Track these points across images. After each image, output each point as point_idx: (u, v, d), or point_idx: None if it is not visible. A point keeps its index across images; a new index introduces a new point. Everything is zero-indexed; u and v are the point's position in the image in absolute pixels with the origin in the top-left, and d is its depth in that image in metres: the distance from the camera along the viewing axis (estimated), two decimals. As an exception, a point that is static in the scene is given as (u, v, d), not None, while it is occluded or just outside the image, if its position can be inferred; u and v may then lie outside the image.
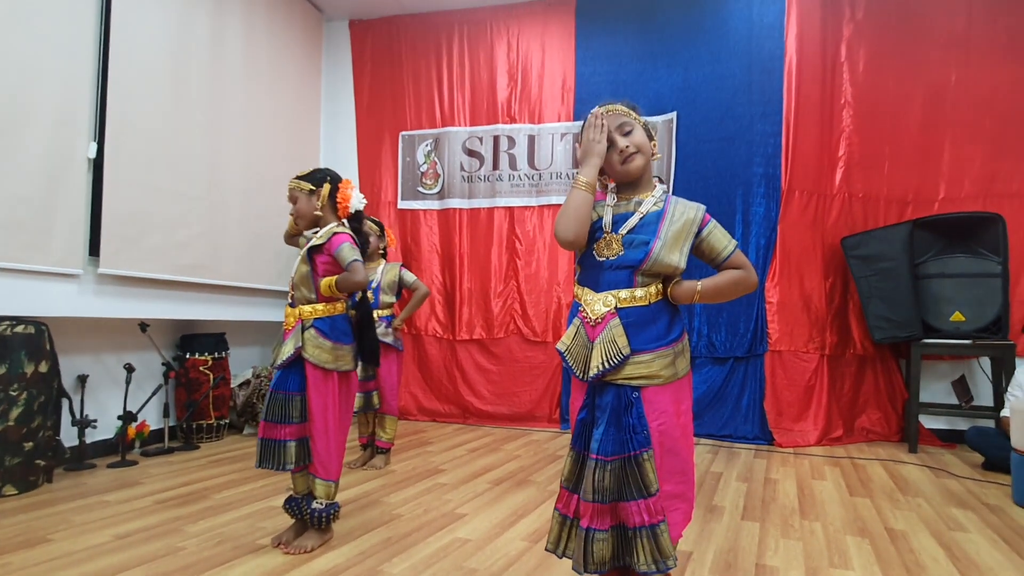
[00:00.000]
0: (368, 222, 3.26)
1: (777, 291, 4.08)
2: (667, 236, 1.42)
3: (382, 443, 3.26)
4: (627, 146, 1.45)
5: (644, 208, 1.46)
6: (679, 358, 1.44)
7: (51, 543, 2.11)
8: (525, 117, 4.69)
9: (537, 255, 4.61)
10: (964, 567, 2.01)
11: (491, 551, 2.09)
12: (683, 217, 1.45)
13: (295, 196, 2.24)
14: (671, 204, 1.47)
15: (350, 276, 2.09)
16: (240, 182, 4.11)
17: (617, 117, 1.47)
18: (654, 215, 1.45)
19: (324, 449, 2.10)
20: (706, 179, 4.26)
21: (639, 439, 1.36)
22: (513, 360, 4.55)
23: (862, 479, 3.14)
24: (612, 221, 1.46)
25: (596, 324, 1.41)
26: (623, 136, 1.46)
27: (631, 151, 1.45)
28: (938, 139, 4.10)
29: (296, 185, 2.24)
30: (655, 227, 1.43)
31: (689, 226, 1.44)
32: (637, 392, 1.39)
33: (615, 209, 1.48)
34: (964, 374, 4.02)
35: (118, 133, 3.20)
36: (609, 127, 1.46)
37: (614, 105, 1.49)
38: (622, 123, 1.47)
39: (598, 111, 1.48)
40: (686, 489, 1.42)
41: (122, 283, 3.31)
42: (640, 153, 1.46)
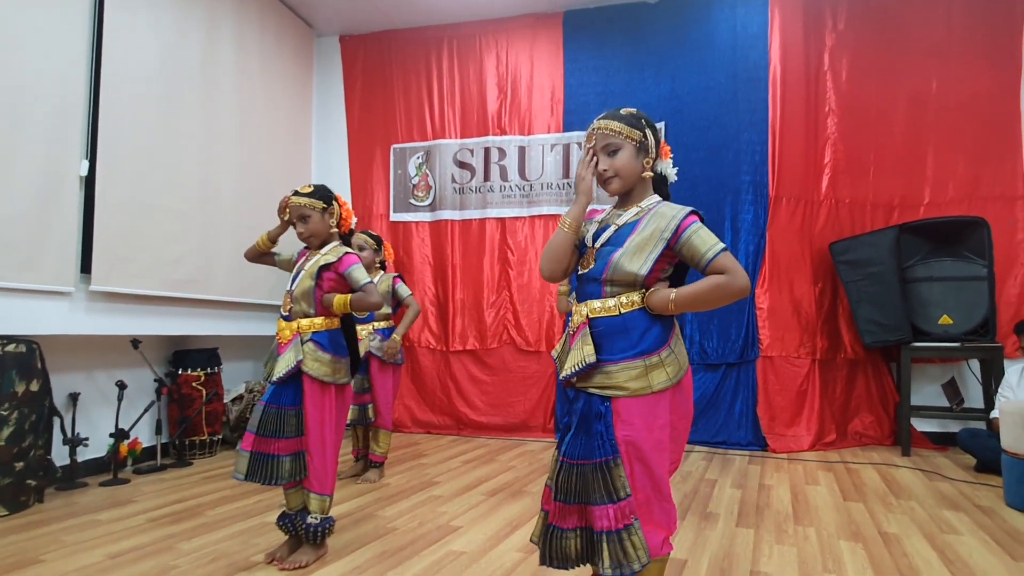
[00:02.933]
0: (365, 236, 3.27)
1: (767, 297, 4.12)
2: (631, 245, 1.43)
3: (376, 457, 3.25)
4: (604, 170, 1.48)
5: (621, 220, 1.48)
6: (654, 371, 1.39)
7: (43, 564, 2.10)
8: (515, 129, 4.73)
9: (529, 265, 4.63)
10: (957, 570, 2.03)
11: (486, 563, 2.09)
12: (653, 224, 1.44)
13: (305, 214, 2.21)
14: (650, 214, 1.47)
15: (365, 297, 2.13)
16: (232, 198, 4.12)
17: (605, 137, 1.48)
18: (629, 226, 1.47)
19: (320, 463, 2.10)
20: (695, 187, 4.30)
21: (606, 447, 1.38)
22: (507, 370, 4.56)
23: (855, 483, 3.15)
24: (593, 236, 1.51)
25: (573, 333, 1.48)
26: (607, 156, 1.48)
27: (608, 175, 1.48)
28: (921, 145, 4.16)
29: (308, 203, 2.21)
30: (624, 239, 1.45)
31: (659, 233, 1.42)
32: (607, 403, 1.40)
33: (600, 224, 1.53)
34: (954, 376, 4.05)
35: (110, 151, 3.21)
36: (596, 147, 1.49)
37: (608, 122, 1.48)
38: (608, 143, 1.48)
39: (590, 132, 1.50)
40: (660, 499, 1.41)
41: (114, 300, 3.31)
42: (618, 177, 1.47)
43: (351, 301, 2.13)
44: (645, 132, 1.48)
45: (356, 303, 2.13)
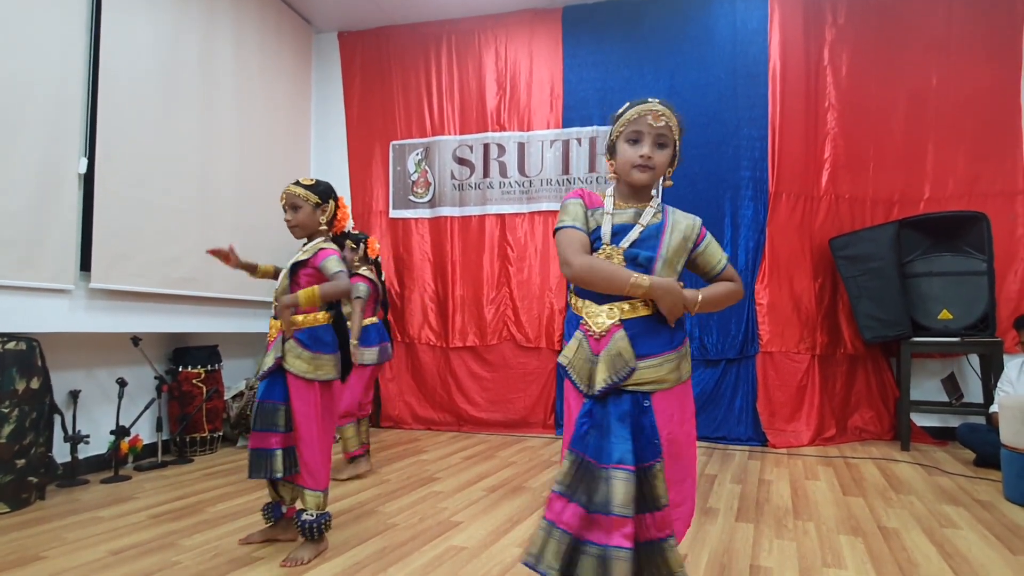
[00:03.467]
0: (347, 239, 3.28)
1: (767, 293, 4.12)
2: (667, 253, 1.42)
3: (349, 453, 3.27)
4: (648, 157, 1.40)
5: (644, 220, 1.43)
6: (683, 361, 1.44)
7: (45, 560, 2.10)
8: (515, 125, 4.72)
9: (529, 261, 4.63)
10: (956, 564, 2.03)
11: (486, 558, 2.10)
12: (681, 233, 1.44)
13: (297, 204, 2.22)
14: (669, 216, 1.46)
15: (335, 284, 2.11)
16: (232, 195, 4.12)
17: (664, 128, 1.41)
18: (654, 228, 1.43)
19: (311, 459, 2.12)
20: (695, 183, 4.30)
21: (653, 449, 1.33)
22: (507, 367, 4.56)
23: (855, 478, 3.16)
24: (612, 232, 1.43)
25: (600, 337, 1.39)
26: (654, 146, 1.41)
27: (648, 164, 1.41)
28: (921, 140, 4.16)
29: (302, 194, 2.22)
30: (656, 242, 1.41)
31: (686, 243, 1.45)
32: (648, 399, 1.37)
33: (614, 218, 1.44)
34: (954, 371, 4.05)
35: (109, 148, 3.21)
36: (645, 130, 1.40)
37: (666, 110, 1.41)
38: (661, 135, 1.42)
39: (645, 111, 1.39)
40: (687, 496, 1.42)
41: (114, 298, 3.31)
42: (653, 171, 1.42)
43: (322, 289, 2.11)
44: (680, 140, 1.47)
45: (327, 290, 2.11)
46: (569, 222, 1.44)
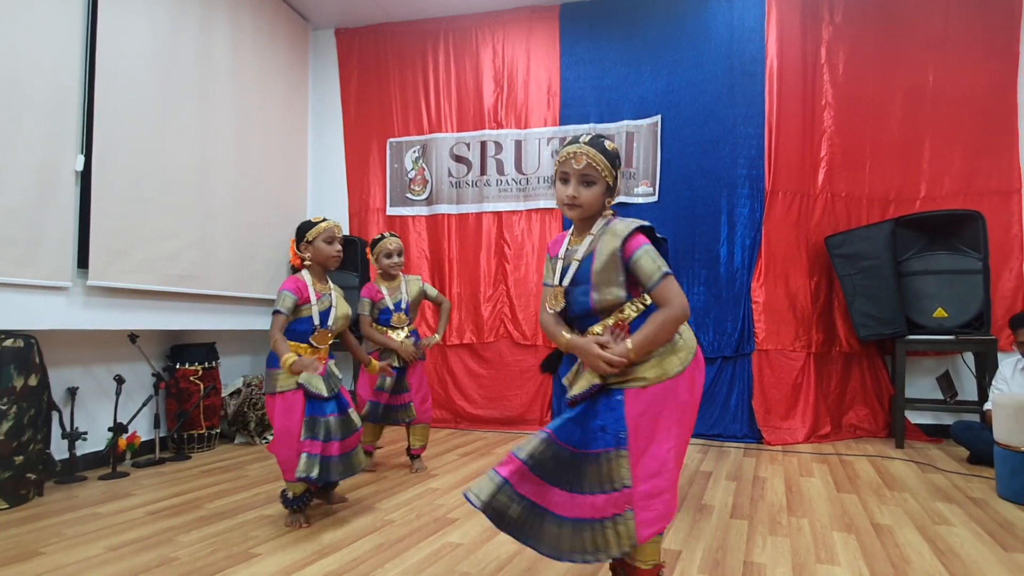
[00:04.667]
0: (390, 238, 3.30)
1: (763, 291, 4.13)
2: (596, 279, 1.50)
3: (416, 450, 3.30)
4: (573, 196, 1.50)
5: (578, 255, 1.54)
6: (667, 358, 1.48)
7: (44, 556, 2.11)
8: (512, 122, 4.72)
9: (526, 259, 4.64)
10: (948, 560, 2.05)
11: (482, 554, 2.11)
12: (607, 253, 1.48)
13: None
14: (602, 239, 1.51)
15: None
16: (229, 192, 4.12)
17: (588, 168, 1.48)
18: (588, 259, 1.53)
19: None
20: (691, 181, 4.31)
21: (608, 438, 1.44)
22: (503, 364, 4.57)
23: (849, 475, 3.18)
24: (560, 273, 1.59)
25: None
26: (579, 185, 1.50)
27: (575, 203, 1.51)
28: (918, 138, 4.17)
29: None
30: (588, 274, 1.51)
31: (614, 260, 1.48)
32: (620, 394, 1.46)
33: (564, 261, 1.59)
34: (948, 369, 4.08)
35: (105, 145, 3.21)
36: (571, 169, 1.50)
37: (588, 149, 1.48)
38: (586, 175, 1.49)
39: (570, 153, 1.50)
40: (664, 490, 1.45)
41: (111, 295, 3.31)
42: (581, 208, 1.51)
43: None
44: (617, 175, 1.54)
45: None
46: (545, 280, 1.66)
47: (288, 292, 2.38)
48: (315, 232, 2.46)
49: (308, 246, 2.47)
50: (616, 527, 1.40)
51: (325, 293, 2.49)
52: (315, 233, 2.46)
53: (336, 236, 2.50)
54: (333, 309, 2.49)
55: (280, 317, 2.36)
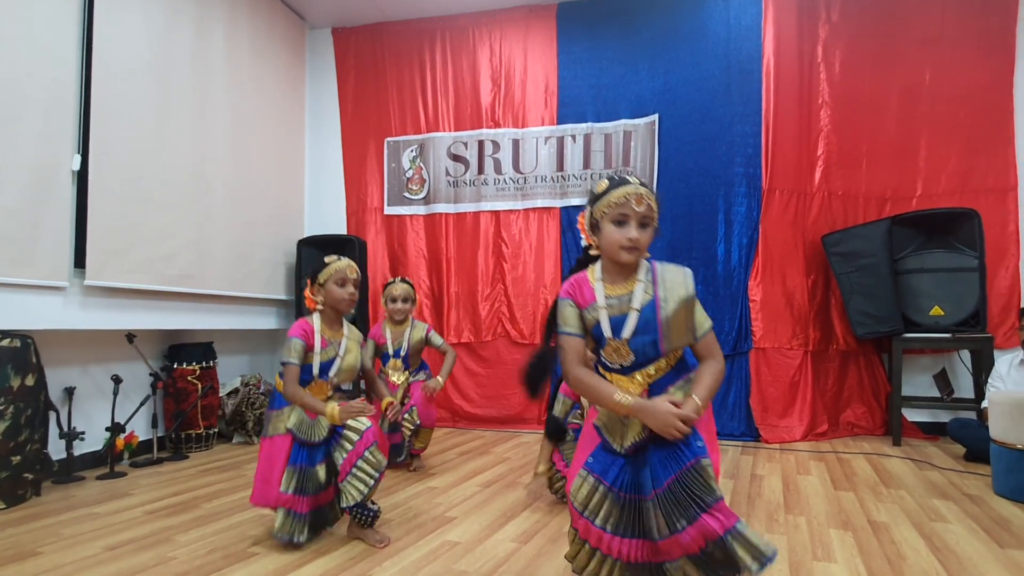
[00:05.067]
0: (399, 283, 3.34)
1: (760, 289, 4.14)
2: (668, 330, 1.45)
3: (417, 451, 3.31)
4: (636, 239, 1.43)
5: (637, 303, 1.46)
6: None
7: (41, 556, 2.11)
8: (509, 121, 4.72)
9: (523, 258, 4.64)
10: (944, 557, 2.06)
11: (480, 553, 2.12)
12: (677, 300, 1.45)
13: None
14: (660, 287, 1.46)
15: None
16: (226, 191, 4.12)
17: (647, 209, 1.45)
18: (648, 308, 1.46)
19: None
20: (688, 180, 4.32)
21: (688, 453, 1.40)
22: (501, 363, 4.58)
23: (846, 473, 3.19)
24: (612, 327, 1.48)
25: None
26: (639, 228, 1.44)
27: (635, 246, 1.44)
28: (914, 137, 4.18)
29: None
30: (654, 323, 1.45)
31: (687, 308, 1.45)
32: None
33: (609, 310, 1.48)
34: (945, 367, 4.09)
35: (102, 144, 3.20)
36: (633, 212, 1.44)
37: (646, 192, 1.45)
38: (645, 217, 1.45)
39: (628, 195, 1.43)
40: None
41: (108, 295, 3.31)
42: (640, 251, 1.46)
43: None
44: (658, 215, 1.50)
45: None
46: (566, 328, 1.50)
47: (296, 339, 2.19)
48: (326, 274, 2.27)
49: (320, 289, 2.28)
50: (747, 531, 1.35)
51: (334, 341, 2.29)
52: (326, 275, 2.27)
53: (348, 278, 2.28)
54: (338, 359, 2.27)
55: (292, 368, 2.17)
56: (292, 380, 2.18)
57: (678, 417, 1.37)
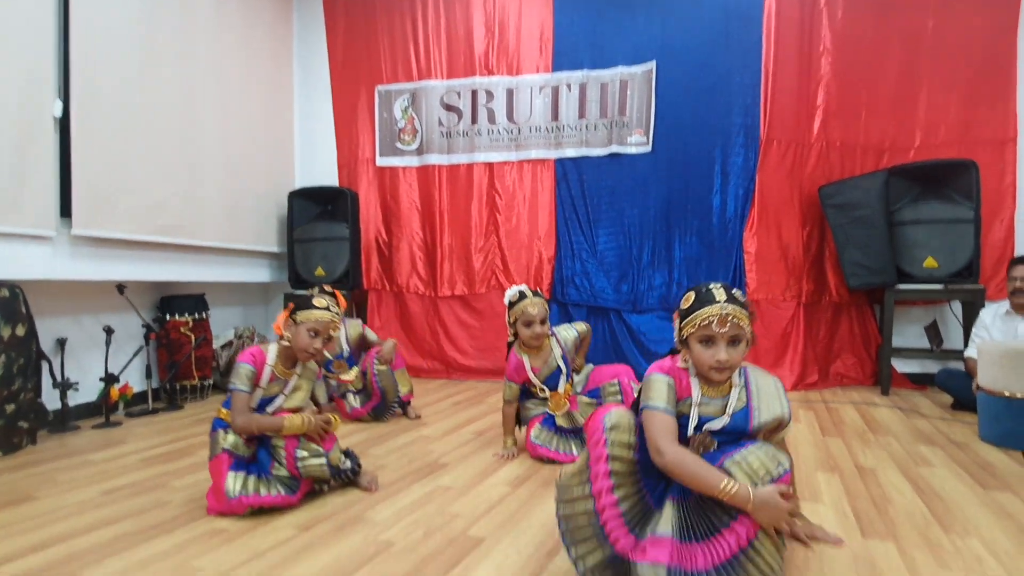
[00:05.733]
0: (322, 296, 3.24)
1: (755, 241, 4.12)
2: (756, 434, 1.48)
3: (406, 396, 3.35)
4: (723, 361, 1.42)
5: (731, 409, 1.49)
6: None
7: (37, 500, 2.13)
8: (503, 69, 4.60)
9: (517, 210, 4.59)
10: (928, 499, 2.10)
11: (473, 496, 2.15)
12: (771, 416, 1.48)
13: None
14: (753, 396, 1.50)
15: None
16: (214, 140, 4.03)
17: (734, 327, 1.42)
18: (741, 415, 1.49)
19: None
20: (685, 130, 4.25)
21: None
22: (495, 315, 4.58)
23: (835, 421, 3.24)
24: (699, 423, 1.49)
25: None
26: (729, 346, 1.43)
27: (724, 367, 1.43)
28: (914, 86, 4.10)
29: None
30: (744, 424, 1.48)
31: (777, 424, 1.49)
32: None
33: (701, 409, 1.49)
34: (936, 319, 4.11)
35: (84, 90, 3.11)
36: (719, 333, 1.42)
37: (734, 311, 1.42)
38: (736, 335, 1.43)
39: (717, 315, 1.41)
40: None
41: (97, 245, 3.26)
42: (729, 371, 1.46)
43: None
44: (752, 324, 1.48)
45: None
46: (660, 404, 1.45)
47: (245, 364, 2.04)
48: (305, 316, 2.09)
49: (293, 326, 2.10)
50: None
51: (282, 379, 2.12)
52: (304, 317, 2.09)
53: (323, 333, 2.09)
54: (281, 398, 2.11)
55: (240, 396, 2.02)
56: (241, 410, 2.02)
57: (787, 509, 1.31)
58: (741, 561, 1.31)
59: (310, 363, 2.20)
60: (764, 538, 1.32)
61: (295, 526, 1.89)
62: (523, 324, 2.56)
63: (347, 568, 1.60)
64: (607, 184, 4.44)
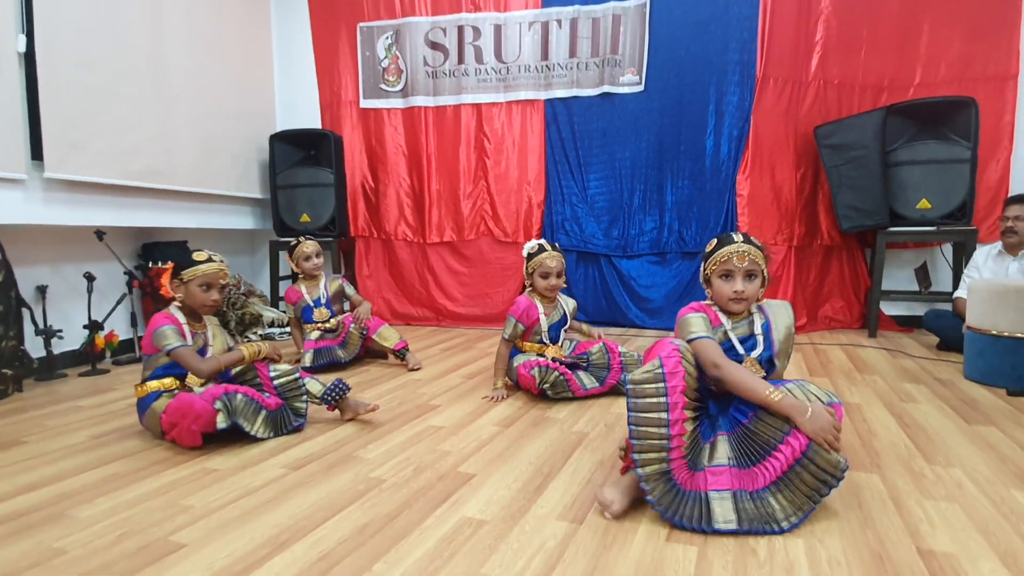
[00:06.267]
0: (306, 242, 3.35)
1: (748, 183, 4.06)
2: (781, 349, 1.70)
3: (399, 345, 3.27)
4: (741, 291, 1.64)
5: (758, 328, 1.70)
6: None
7: (26, 444, 2.12)
8: (490, 5, 4.41)
9: (506, 154, 4.49)
10: (913, 432, 2.13)
11: (464, 435, 2.15)
12: (784, 328, 1.70)
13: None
14: (770, 315, 1.71)
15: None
16: (188, 81, 3.86)
17: (751, 263, 1.64)
18: (765, 329, 1.70)
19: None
20: (680, 66, 4.12)
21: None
22: (485, 262, 4.53)
23: (822, 361, 3.26)
24: (745, 346, 1.68)
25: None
26: (745, 280, 1.65)
27: (742, 297, 1.64)
28: (917, 20, 3.97)
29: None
30: (769, 341, 1.69)
31: (790, 335, 1.71)
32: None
33: (735, 331, 1.70)
34: (926, 260, 4.11)
35: (48, 25, 2.94)
36: (736, 267, 1.64)
37: (749, 248, 1.64)
38: (750, 271, 1.65)
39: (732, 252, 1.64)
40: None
41: (72, 189, 3.16)
42: (747, 301, 1.67)
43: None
44: (767, 264, 1.69)
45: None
46: (703, 333, 1.63)
47: (167, 324, 2.08)
48: (191, 274, 2.11)
49: (181, 286, 2.13)
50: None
51: (199, 332, 2.18)
52: (190, 275, 2.11)
53: (215, 284, 2.14)
54: (209, 348, 2.18)
55: (183, 350, 2.07)
56: (193, 357, 2.08)
57: (834, 424, 1.42)
58: (798, 471, 1.41)
59: (212, 317, 2.29)
60: (816, 446, 1.40)
61: (285, 465, 1.89)
62: (540, 275, 2.68)
63: (338, 504, 1.61)
64: (598, 126, 4.33)
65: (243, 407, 2.06)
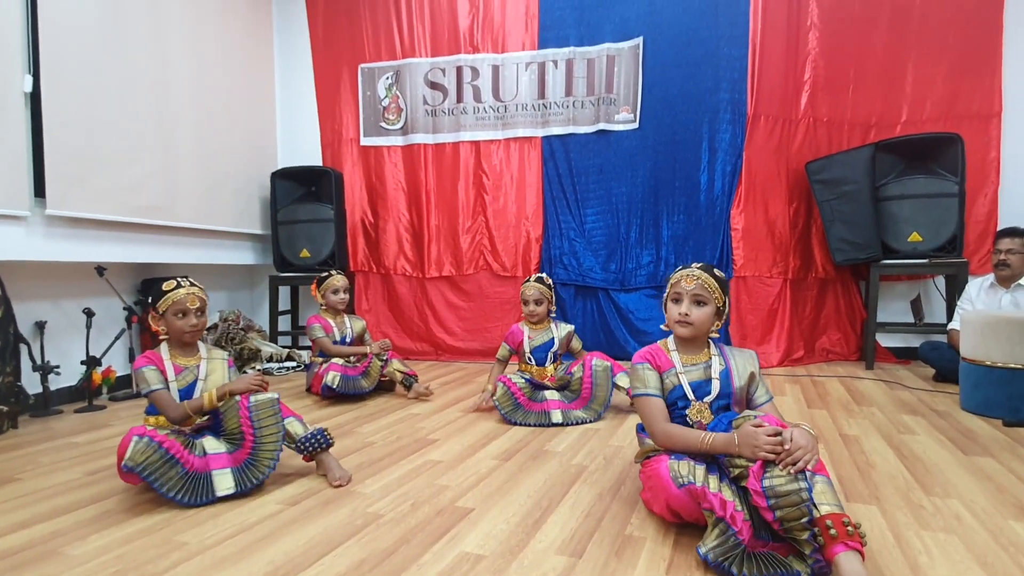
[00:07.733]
0: (337, 275, 3.53)
1: (742, 218, 4.12)
2: (739, 394, 1.67)
3: (408, 373, 3.40)
4: (685, 314, 1.65)
5: (715, 373, 1.67)
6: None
7: (20, 481, 2.10)
8: (488, 46, 4.54)
9: (504, 190, 4.56)
10: (911, 464, 2.13)
11: (462, 469, 2.14)
12: (747, 373, 1.68)
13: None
14: (730, 360, 1.70)
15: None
16: (191, 118, 3.95)
17: (699, 287, 1.65)
18: (723, 376, 1.67)
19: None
20: (673, 105, 4.22)
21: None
22: (483, 296, 4.56)
23: (820, 393, 3.27)
24: (695, 391, 1.66)
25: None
26: (691, 305, 1.65)
27: (687, 321, 1.65)
28: (902, 60, 4.10)
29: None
30: (728, 389, 1.66)
31: (752, 381, 1.68)
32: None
33: (688, 375, 1.68)
34: (920, 293, 4.15)
35: (54, 66, 3.02)
36: (684, 291, 1.66)
37: (701, 274, 1.65)
38: (697, 295, 1.65)
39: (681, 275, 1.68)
40: None
41: (73, 225, 3.20)
42: (692, 326, 1.65)
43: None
44: (726, 300, 1.69)
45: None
46: (648, 390, 1.65)
47: (146, 367, 2.02)
48: (164, 304, 2.07)
49: (160, 319, 2.10)
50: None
51: (189, 366, 2.11)
52: (164, 306, 2.07)
53: (189, 308, 2.07)
54: (199, 383, 2.09)
55: (160, 393, 2.00)
56: (168, 404, 2.00)
57: (763, 432, 1.39)
58: (764, 490, 1.35)
59: (216, 350, 2.23)
60: (770, 466, 1.36)
61: (281, 501, 1.88)
62: (523, 303, 3.04)
63: (335, 539, 1.60)
64: (595, 162, 4.42)
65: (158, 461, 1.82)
